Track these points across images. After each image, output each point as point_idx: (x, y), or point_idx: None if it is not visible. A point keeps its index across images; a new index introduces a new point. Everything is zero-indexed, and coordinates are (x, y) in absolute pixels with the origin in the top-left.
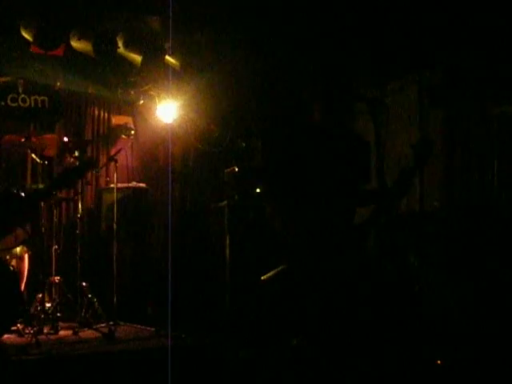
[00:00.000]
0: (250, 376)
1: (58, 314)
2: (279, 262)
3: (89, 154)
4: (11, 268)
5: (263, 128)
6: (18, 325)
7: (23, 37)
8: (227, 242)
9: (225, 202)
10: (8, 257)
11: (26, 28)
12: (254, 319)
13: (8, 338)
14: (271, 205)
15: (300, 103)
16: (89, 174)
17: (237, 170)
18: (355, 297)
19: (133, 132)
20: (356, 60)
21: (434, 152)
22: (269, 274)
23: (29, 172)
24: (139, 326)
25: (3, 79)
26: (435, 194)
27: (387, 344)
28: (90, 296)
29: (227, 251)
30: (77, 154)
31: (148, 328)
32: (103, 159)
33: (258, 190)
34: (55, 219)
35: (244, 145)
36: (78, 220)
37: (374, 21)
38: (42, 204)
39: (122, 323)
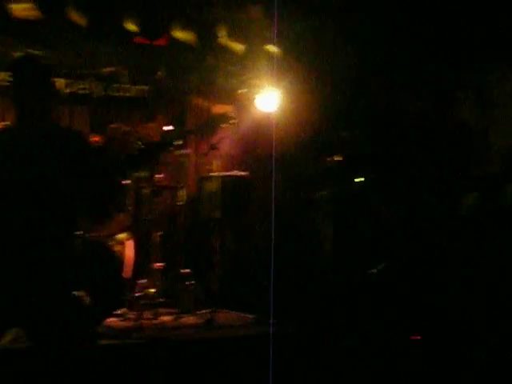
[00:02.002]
0: (350, 365)
1: (160, 300)
2: (384, 252)
3: (190, 142)
4: (116, 254)
5: (369, 118)
6: (122, 309)
7: (127, 28)
8: (330, 230)
9: (327, 191)
10: (112, 243)
11: (130, 19)
12: (357, 309)
13: (112, 321)
14: (378, 194)
15: (402, 92)
16: (193, 159)
17: (340, 158)
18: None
19: (234, 121)
20: (459, 47)
21: None
22: (378, 267)
23: None
24: (239, 314)
25: (107, 70)
26: None
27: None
28: (191, 282)
29: (330, 240)
30: (179, 142)
31: (248, 315)
32: (204, 148)
33: (361, 179)
34: (158, 207)
35: (346, 134)
36: (181, 208)
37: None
38: (145, 191)
39: (222, 310)
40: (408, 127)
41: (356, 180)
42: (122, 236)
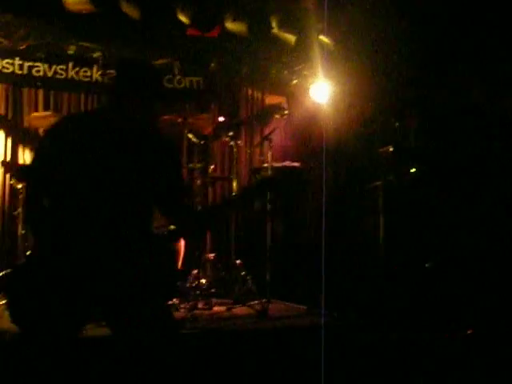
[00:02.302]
0: (401, 357)
1: (212, 290)
2: (437, 244)
3: (243, 133)
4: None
5: (419, 108)
6: (175, 299)
7: (180, 20)
8: (382, 221)
9: (379, 182)
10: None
11: (182, 11)
12: (410, 302)
13: None
14: (430, 185)
15: (458, 83)
16: (242, 155)
17: (391, 149)
18: None
19: (286, 112)
20: None
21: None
22: (431, 261)
23: (185, 151)
24: (292, 304)
25: (160, 62)
26: None
27: None
28: (243, 273)
29: (381, 232)
30: (231, 133)
31: (300, 306)
32: (257, 139)
33: (413, 170)
34: (210, 197)
35: (398, 124)
36: None
37: None
38: (198, 182)
39: (274, 301)
40: (463, 118)
41: (409, 171)
42: (174, 227)
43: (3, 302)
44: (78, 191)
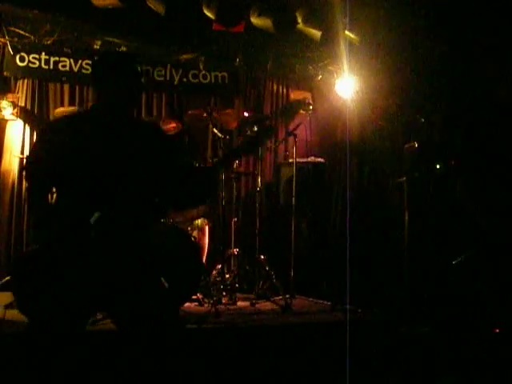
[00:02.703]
0: (424, 353)
1: (237, 286)
2: (463, 241)
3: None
4: (193, 239)
5: (445, 103)
6: (199, 294)
7: (205, 15)
8: (406, 218)
9: (404, 178)
10: (189, 228)
11: (208, 6)
12: (434, 299)
13: (189, 306)
14: (459, 182)
15: (485, 80)
16: (267, 150)
17: (416, 145)
18: None
19: (311, 107)
20: None
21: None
22: (460, 258)
23: (210, 146)
24: (316, 300)
25: (185, 56)
26: None
27: None
28: (267, 268)
29: (406, 228)
30: (256, 128)
31: (324, 302)
32: (282, 134)
33: (438, 166)
34: (235, 193)
35: (423, 120)
36: (257, 194)
37: None
38: (223, 177)
39: (298, 296)
40: (489, 114)
41: (435, 166)
42: (199, 222)
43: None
44: (80, 185)
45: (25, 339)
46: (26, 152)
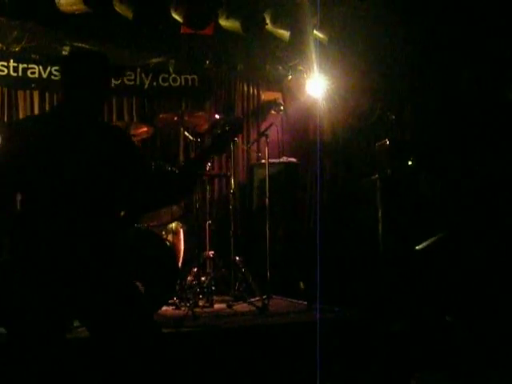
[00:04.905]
0: (400, 350)
1: (213, 288)
2: (434, 236)
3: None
4: (168, 243)
5: (415, 101)
6: (175, 298)
7: (173, 18)
8: (379, 215)
9: (376, 176)
10: (164, 232)
11: (176, 9)
12: (407, 292)
13: (165, 310)
14: (427, 178)
15: (449, 73)
16: (239, 151)
17: (388, 143)
18: None
19: (282, 107)
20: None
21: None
22: (424, 244)
23: (182, 149)
24: (292, 300)
25: (155, 60)
26: None
27: None
28: (243, 270)
29: (380, 225)
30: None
31: (301, 302)
32: (254, 135)
33: (409, 163)
34: (208, 195)
35: (394, 117)
36: (231, 195)
37: None
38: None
39: (275, 297)
40: (458, 110)
41: (407, 163)
42: (173, 225)
43: None
44: (45, 188)
45: (4, 350)
46: None
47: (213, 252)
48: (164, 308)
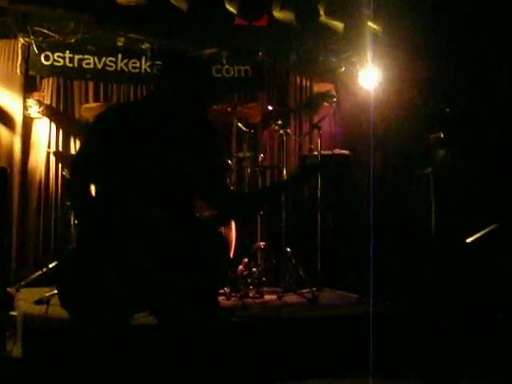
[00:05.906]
0: (452, 346)
1: (263, 279)
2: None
3: (292, 121)
4: (220, 233)
5: (471, 94)
6: (226, 288)
7: (227, 9)
8: (433, 208)
9: (430, 169)
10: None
11: (230, 1)
12: (459, 286)
13: None
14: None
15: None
16: (292, 143)
17: (442, 135)
18: None
19: (335, 99)
20: None
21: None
22: (475, 236)
23: (234, 140)
24: (342, 293)
25: (208, 51)
26: None
27: None
28: (294, 261)
29: (433, 218)
30: (280, 122)
31: (351, 294)
32: (306, 127)
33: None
34: (260, 186)
35: (449, 110)
36: None
37: None
38: (248, 171)
39: (325, 289)
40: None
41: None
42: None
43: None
44: (127, 179)
45: (69, 335)
46: (53, 149)
47: (264, 243)
48: None
